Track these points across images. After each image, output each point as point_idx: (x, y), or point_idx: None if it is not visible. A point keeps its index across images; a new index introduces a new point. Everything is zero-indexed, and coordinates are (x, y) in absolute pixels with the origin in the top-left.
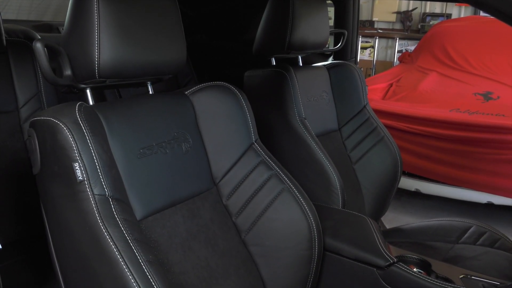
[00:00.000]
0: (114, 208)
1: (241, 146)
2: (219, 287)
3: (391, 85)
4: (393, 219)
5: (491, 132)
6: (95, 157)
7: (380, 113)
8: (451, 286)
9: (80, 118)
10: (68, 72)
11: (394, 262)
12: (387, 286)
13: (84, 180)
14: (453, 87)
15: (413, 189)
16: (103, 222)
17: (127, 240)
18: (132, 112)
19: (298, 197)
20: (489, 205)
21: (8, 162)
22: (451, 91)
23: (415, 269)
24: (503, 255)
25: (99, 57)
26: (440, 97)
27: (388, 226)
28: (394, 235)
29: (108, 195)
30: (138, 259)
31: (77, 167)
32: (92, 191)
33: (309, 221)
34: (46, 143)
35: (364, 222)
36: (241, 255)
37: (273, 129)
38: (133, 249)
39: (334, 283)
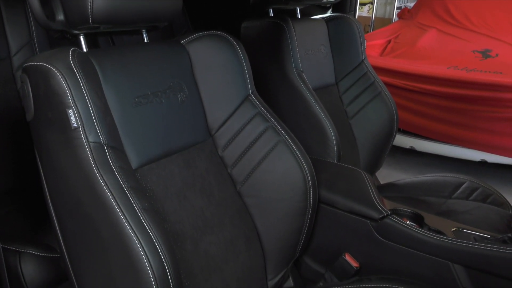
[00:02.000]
0: (109, 156)
1: (237, 97)
2: (214, 236)
3: (389, 41)
4: (387, 175)
5: (488, 90)
6: (90, 103)
7: (377, 69)
8: (442, 238)
9: (73, 64)
10: (60, 17)
11: (387, 215)
12: (380, 238)
13: (79, 127)
14: (452, 44)
15: (408, 147)
16: (98, 169)
17: (123, 187)
18: (127, 59)
19: (293, 149)
20: (483, 163)
21: (1, 111)
22: (450, 48)
23: (408, 222)
24: (495, 210)
25: (92, 1)
26: (439, 54)
27: (382, 182)
28: (388, 190)
29: (103, 142)
30: (134, 207)
31: (71, 114)
32: (86, 138)
33: (305, 173)
34: (39, 89)
35: (359, 175)
36: (236, 206)
37: (270, 81)
38: (128, 197)
39: (328, 234)
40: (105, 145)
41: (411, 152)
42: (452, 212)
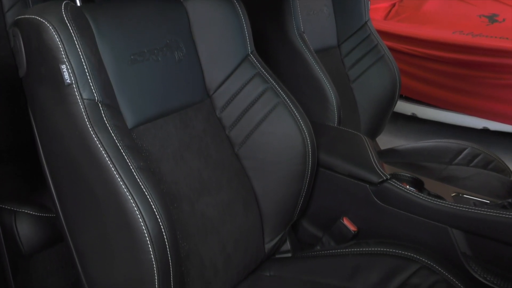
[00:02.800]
0: (104, 114)
1: (236, 56)
2: (211, 198)
3: (394, 5)
4: (388, 142)
5: (494, 56)
6: (83, 59)
7: (381, 34)
8: (442, 202)
9: (66, 17)
10: None
11: (387, 179)
12: (379, 202)
13: (72, 83)
14: (458, 8)
15: (409, 113)
16: (92, 127)
17: (117, 146)
18: (123, 15)
19: (293, 111)
20: (485, 131)
21: None
22: (456, 12)
23: (407, 187)
24: (496, 177)
25: None
26: (444, 18)
27: (382, 148)
28: (388, 155)
29: (98, 100)
30: (129, 165)
31: (64, 69)
32: (80, 95)
33: (304, 136)
34: (31, 43)
35: (359, 139)
36: (234, 168)
37: (270, 42)
38: (123, 155)
39: (326, 198)
40: (99, 102)
41: (413, 119)
42: (453, 178)
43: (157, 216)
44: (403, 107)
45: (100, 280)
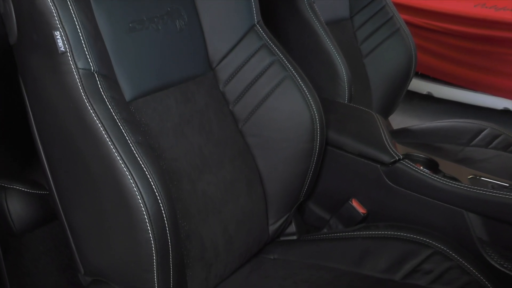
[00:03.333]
0: (100, 84)
1: (241, 27)
2: (212, 176)
3: None
4: (401, 122)
5: None
6: (78, 26)
7: (396, 5)
8: (457, 184)
9: None
10: None
11: (399, 159)
12: (390, 184)
13: (66, 51)
14: None
15: (425, 92)
16: (88, 98)
17: (114, 118)
18: None
19: (301, 86)
20: (506, 112)
21: None
22: None
23: (421, 168)
24: None
25: None
26: None
27: (395, 128)
28: (401, 135)
29: (94, 69)
30: (126, 139)
31: (58, 36)
32: (75, 64)
33: (312, 112)
34: (22, 8)
35: (370, 117)
36: (237, 146)
37: (278, 12)
38: (120, 129)
39: (334, 179)
40: (95, 72)
41: (428, 99)
42: (470, 160)
43: (156, 194)
44: (419, 85)
45: (96, 261)
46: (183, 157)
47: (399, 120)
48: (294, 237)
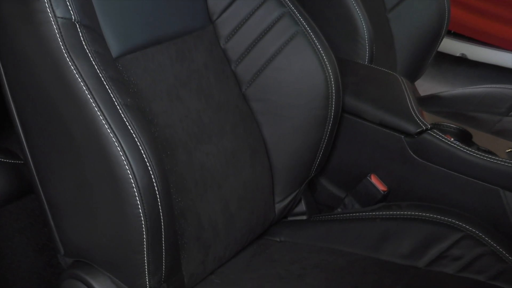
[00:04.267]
0: (83, 37)
1: None
2: (211, 146)
3: None
4: (429, 89)
5: None
6: None
7: None
8: (493, 159)
9: None
10: None
11: (426, 129)
12: (415, 157)
13: None
14: None
15: (457, 54)
16: (68, 53)
17: (99, 77)
18: None
19: (315, 43)
20: None
21: None
22: None
23: (451, 139)
24: None
25: None
26: None
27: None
28: (429, 103)
29: (75, 19)
30: (113, 101)
31: None
32: (53, 12)
33: (327, 74)
34: None
35: (394, 80)
36: (241, 112)
37: None
38: (106, 88)
39: (351, 151)
40: (77, 22)
41: (461, 62)
42: (509, 132)
43: (147, 163)
44: (451, 45)
45: (78, 240)
46: (178, 124)
47: (427, 86)
48: (304, 217)
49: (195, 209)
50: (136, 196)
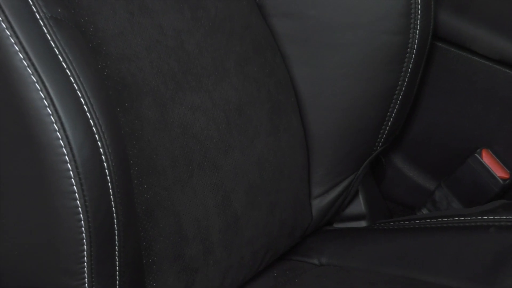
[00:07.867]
0: None
1: None
2: (203, 94)
3: None
4: None
5: None
6: None
7: None
8: None
9: None
10: None
11: None
12: None
13: None
14: None
15: None
16: None
17: None
18: None
19: None
20: None
21: None
22: None
23: None
24: None
25: None
26: None
27: None
28: None
29: None
30: (33, 12)
31: None
32: None
33: None
34: None
35: None
36: (254, 36)
37: None
38: None
39: (447, 109)
40: None
41: None
42: None
43: (90, 121)
44: None
45: None
46: (144, 55)
47: None
48: (363, 224)
49: (172, 205)
50: (71, 178)
